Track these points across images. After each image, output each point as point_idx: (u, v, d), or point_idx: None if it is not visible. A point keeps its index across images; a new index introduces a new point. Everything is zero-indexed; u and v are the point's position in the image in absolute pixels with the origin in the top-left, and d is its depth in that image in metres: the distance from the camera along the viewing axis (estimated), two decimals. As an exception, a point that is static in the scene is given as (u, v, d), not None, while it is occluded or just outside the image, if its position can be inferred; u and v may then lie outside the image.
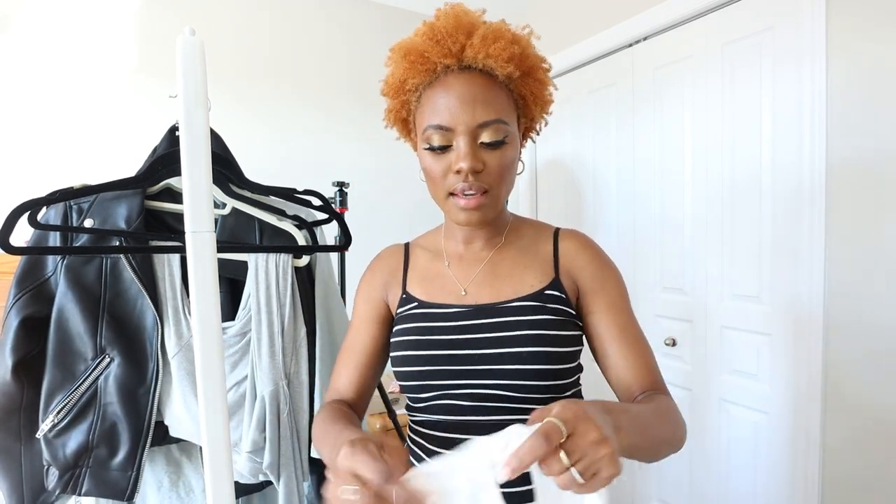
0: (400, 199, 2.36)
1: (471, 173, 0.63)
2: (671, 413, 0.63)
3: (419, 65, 0.64)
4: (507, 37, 0.64)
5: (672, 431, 0.61)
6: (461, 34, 0.63)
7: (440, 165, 0.65)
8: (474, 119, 0.63)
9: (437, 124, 0.63)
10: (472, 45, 0.63)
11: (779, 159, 1.41)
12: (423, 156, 0.67)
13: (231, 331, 0.92)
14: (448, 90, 0.63)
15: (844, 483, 1.29)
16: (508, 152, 0.65)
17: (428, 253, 0.78)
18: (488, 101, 0.63)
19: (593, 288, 0.71)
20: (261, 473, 0.92)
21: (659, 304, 1.80)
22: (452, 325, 0.69)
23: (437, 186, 0.67)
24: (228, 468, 0.53)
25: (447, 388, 0.67)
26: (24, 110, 1.68)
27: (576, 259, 0.72)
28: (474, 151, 0.63)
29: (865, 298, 1.24)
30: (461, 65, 0.64)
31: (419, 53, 0.64)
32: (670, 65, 1.71)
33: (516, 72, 0.64)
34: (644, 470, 1.88)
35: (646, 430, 0.55)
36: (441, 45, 0.63)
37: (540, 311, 0.67)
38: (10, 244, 0.76)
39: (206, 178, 0.52)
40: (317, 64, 2.19)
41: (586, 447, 0.40)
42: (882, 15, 1.19)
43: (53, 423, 0.84)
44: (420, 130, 0.67)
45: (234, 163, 0.98)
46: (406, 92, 0.68)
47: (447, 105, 0.63)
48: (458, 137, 0.63)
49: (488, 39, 0.63)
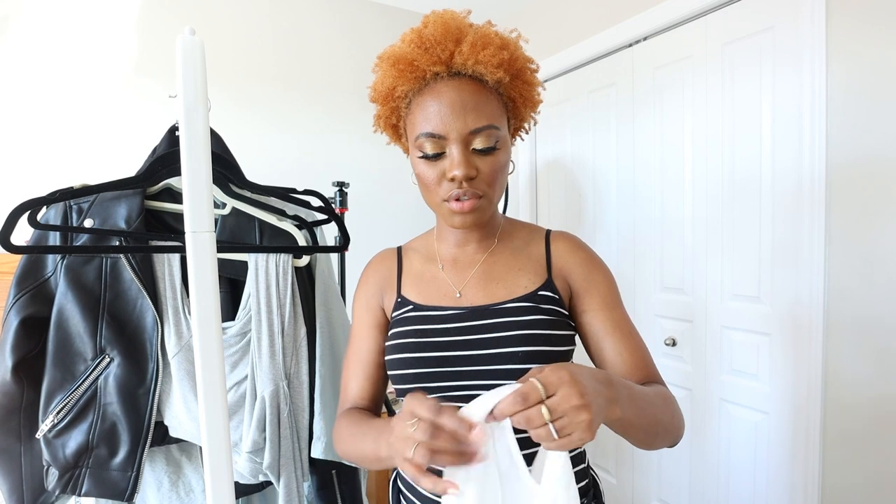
0: (400, 199, 2.36)
1: (465, 180, 0.64)
2: (670, 402, 0.65)
3: (408, 73, 0.65)
4: (496, 42, 0.64)
5: (671, 418, 0.63)
6: (450, 41, 0.63)
7: (433, 172, 0.66)
8: (466, 126, 0.63)
9: (430, 132, 0.64)
10: (461, 52, 0.63)
11: (779, 159, 1.41)
12: (416, 163, 0.68)
13: (231, 331, 0.92)
14: (439, 97, 0.64)
15: (844, 483, 1.29)
16: (500, 157, 0.66)
17: (421, 256, 0.79)
18: (479, 108, 0.64)
19: (585, 288, 0.72)
20: (261, 474, 0.91)
21: (659, 304, 1.80)
22: (448, 328, 0.69)
23: (431, 193, 0.68)
24: (228, 468, 0.53)
25: (444, 389, 0.67)
26: (24, 110, 1.68)
27: (568, 260, 0.73)
28: (467, 159, 0.64)
29: (865, 298, 1.24)
30: (451, 72, 0.64)
31: (408, 62, 0.64)
32: (670, 65, 1.71)
33: (506, 77, 0.65)
34: (644, 470, 1.88)
35: (645, 409, 0.57)
36: (430, 52, 0.63)
37: (533, 311, 0.68)
38: (11, 243, 0.76)
39: (206, 178, 0.52)
40: (317, 64, 2.19)
41: (567, 409, 0.45)
42: (882, 15, 1.19)
43: (53, 424, 0.84)
44: (412, 138, 0.67)
45: (234, 163, 0.98)
46: (395, 99, 0.68)
47: (439, 112, 0.63)
48: (450, 145, 0.64)
49: (477, 46, 0.63)
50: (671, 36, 1.70)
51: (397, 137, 0.74)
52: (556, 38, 2.13)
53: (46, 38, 1.70)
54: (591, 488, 0.72)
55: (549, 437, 0.45)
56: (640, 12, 1.76)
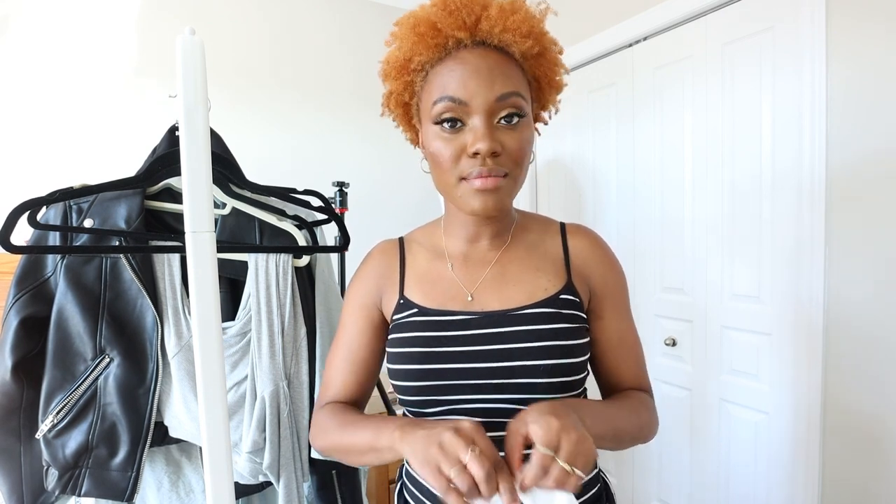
0: (400, 199, 2.36)
1: (489, 156, 0.57)
2: (640, 409, 0.66)
3: (429, 38, 0.59)
4: (525, 10, 0.59)
5: (637, 426, 0.65)
6: (476, 5, 0.58)
7: (451, 147, 0.58)
8: (493, 91, 0.57)
9: (450, 96, 0.57)
10: (488, 16, 0.58)
11: (779, 159, 1.41)
12: (430, 137, 0.61)
13: (231, 331, 0.92)
14: (463, 63, 0.58)
15: (844, 483, 1.29)
16: (526, 133, 0.60)
17: (426, 251, 0.72)
18: (506, 74, 0.58)
19: (602, 291, 0.69)
20: (261, 474, 0.91)
21: (659, 304, 1.80)
22: (459, 335, 0.63)
23: (445, 172, 0.60)
24: (228, 468, 0.53)
25: (455, 402, 0.62)
26: (25, 111, 1.68)
27: (587, 259, 0.69)
28: (492, 132, 0.57)
29: (866, 298, 1.24)
30: (475, 40, 0.59)
31: (430, 24, 0.58)
32: (670, 65, 1.71)
33: (534, 47, 0.60)
34: (644, 470, 1.88)
35: (608, 422, 0.60)
36: (455, 16, 0.57)
37: (556, 318, 0.63)
38: (11, 243, 0.76)
39: (206, 178, 0.52)
40: (317, 63, 2.19)
41: (576, 450, 0.48)
42: (882, 15, 1.19)
43: (53, 424, 0.84)
44: (427, 108, 0.61)
45: (234, 163, 0.98)
46: (411, 72, 0.62)
47: (461, 77, 0.57)
48: (473, 116, 0.57)
49: (506, 11, 0.58)
50: (671, 36, 1.70)
51: (407, 120, 0.68)
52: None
53: (46, 38, 1.70)
54: (602, 492, 0.71)
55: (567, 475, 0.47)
56: (640, 12, 1.76)
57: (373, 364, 0.73)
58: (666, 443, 1.78)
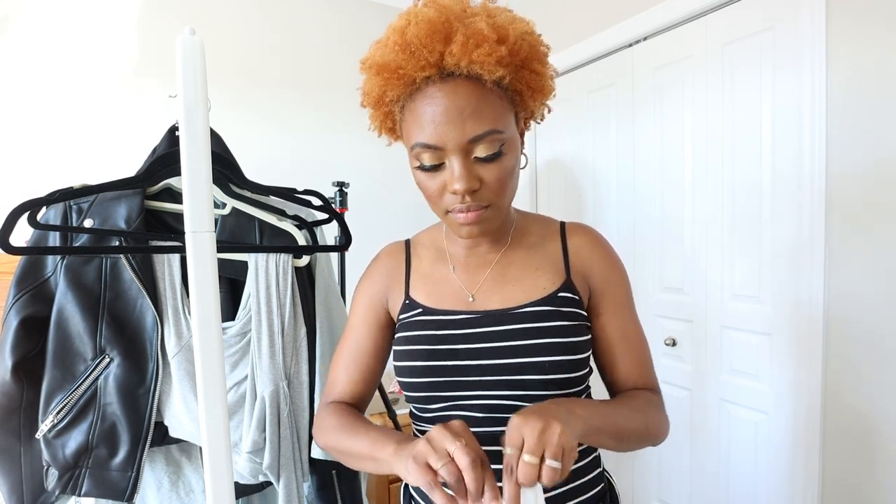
0: (400, 199, 2.36)
1: (467, 193, 0.58)
2: (645, 408, 0.65)
3: (395, 80, 0.58)
4: (491, 37, 0.55)
5: (643, 425, 0.63)
6: (437, 42, 0.55)
7: (434, 184, 0.60)
8: (464, 135, 0.56)
9: (425, 143, 0.57)
10: (451, 52, 0.55)
11: (779, 159, 1.41)
12: (415, 174, 0.62)
13: (231, 331, 0.92)
14: (432, 103, 0.57)
15: (844, 483, 1.29)
16: (507, 162, 0.60)
17: (431, 254, 0.74)
18: (478, 112, 0.56)
19: (603, 289, 0.69)
20: (261, 474, 0.91)
21: (659, 304, 1.80)
22: (460, 334, 0.65)
23: (433, 204, 0.63)
24: (228, 468, 0.53)
25: (458, 398, 0.64)
26: (24, 111, 1.67)
27: (586, 257, 0.70)
28: (469, 170, 0.57)
29: (865, 298, 1.24)
30: (443, 73, 0.57)
31: (392, 70, 0.57)
32: (670, 65, 1.71)
33: (507, 74, 0.57)
34: (644, 470, 1.88)
35: (605, 417, 0.58)
36: (416, 56, 0.55)
37: (555, 316, 0.64)
38: (10, 244, 0.76)
39: (206, 178, 0.52)
40: (317, 63, 2.19)
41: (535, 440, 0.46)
42: (882, 15, 1.19)
43: (53, 424, 0.84)
44: (408, 146, 0.61)
45: (234, 163, 0.98)
46: (387, 104, 0.62)
47: (433, 121, 0.56)
48: (449, 156, 0.57)
49: (469, 45, 0.54)
50: (671, 36, 1.70)
51: (397, 137, 0.69)
52: (555, 38, 2.12)
53: (46, 38, 1.70)
54: (606, 492, 0.71)
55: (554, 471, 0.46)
56: (640, 12, 1.76)
57: (378, 364, 0.75)
58: (666, 442, 1.77)
